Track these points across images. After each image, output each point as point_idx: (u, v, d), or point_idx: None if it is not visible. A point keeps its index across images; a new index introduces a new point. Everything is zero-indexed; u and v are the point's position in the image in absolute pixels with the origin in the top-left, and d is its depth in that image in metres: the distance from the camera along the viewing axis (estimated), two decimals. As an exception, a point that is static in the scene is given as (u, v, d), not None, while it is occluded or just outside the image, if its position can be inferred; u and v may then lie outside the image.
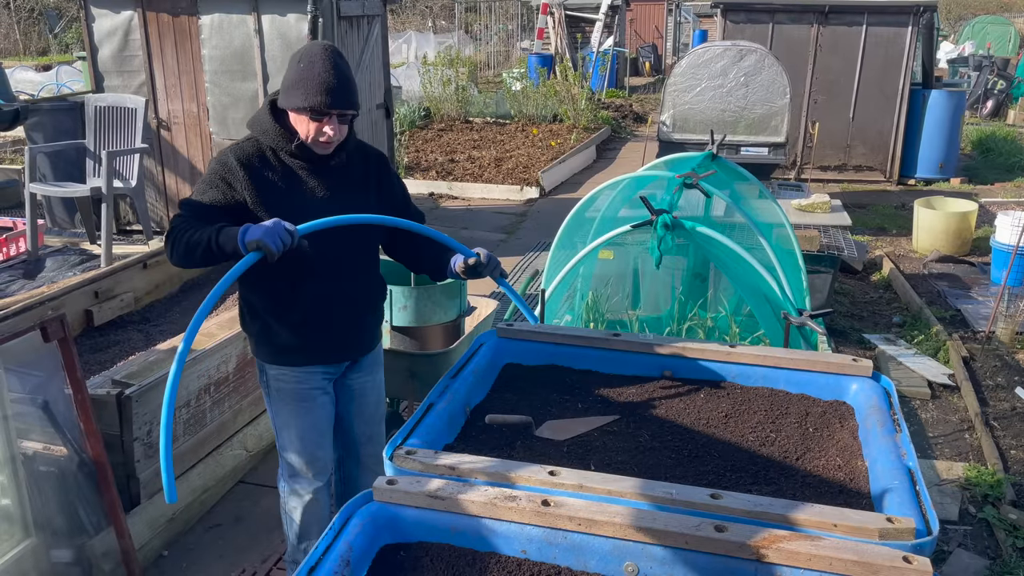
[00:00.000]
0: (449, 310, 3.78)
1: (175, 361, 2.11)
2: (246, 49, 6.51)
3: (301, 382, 2.59)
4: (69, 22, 23.61)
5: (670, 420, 2.30)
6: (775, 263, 3.38)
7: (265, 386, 2.65)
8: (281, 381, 2.59)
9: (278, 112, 2.44)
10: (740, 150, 7.17)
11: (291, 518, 2.75)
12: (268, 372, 2.61)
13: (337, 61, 2.35)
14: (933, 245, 7.16)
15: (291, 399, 2.60)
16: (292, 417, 2.62)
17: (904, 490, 1.81)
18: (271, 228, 2.16)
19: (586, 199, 3.92)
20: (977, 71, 14.57)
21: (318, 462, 2.69)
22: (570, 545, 1.72)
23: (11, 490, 2.66)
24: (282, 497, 2.76)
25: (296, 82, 2.34)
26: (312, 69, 2.32)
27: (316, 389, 2.62)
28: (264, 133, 2.44)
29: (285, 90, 2.39)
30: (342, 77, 2.35)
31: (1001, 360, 5.05)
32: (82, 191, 6.18)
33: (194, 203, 2.40)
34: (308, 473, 2.68)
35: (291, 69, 2.37)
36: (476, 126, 13.06)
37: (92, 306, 4.19)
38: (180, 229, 2.31)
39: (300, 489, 2.70)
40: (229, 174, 2.39)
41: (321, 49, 2.36)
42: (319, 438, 2.68)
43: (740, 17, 9.45)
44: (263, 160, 2.44)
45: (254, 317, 2.57)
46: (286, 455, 2.69)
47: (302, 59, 2.35)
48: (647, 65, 20.89)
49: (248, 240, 2.16)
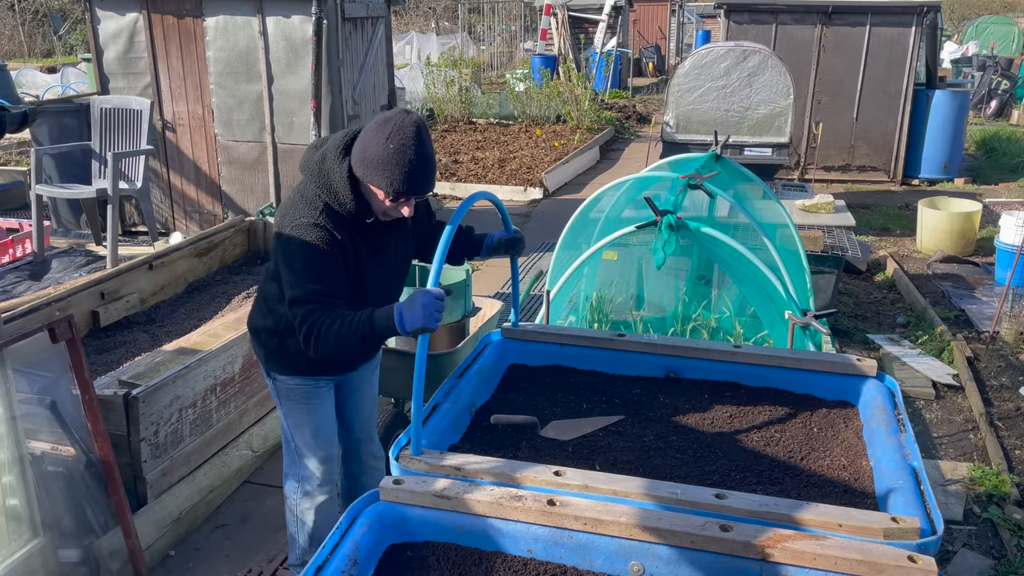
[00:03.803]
0: (454, 311, 3.79)
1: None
2: (250, 51, 6.52)
3: (309, 386, 2.65)
4: (74, 24, 23.67)
5: (675, 420, 2.31)
6: (779, 263, 3.39)
7: (275, 391, 2.70)
8: (291, 387, 2.64)
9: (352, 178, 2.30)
10: (744, 151, 7.17)
11: (302, 521, 2.76)
12: (277, 378, 2.65)
13: (427, 145, 2.23)
14: (937, 245, 7.16)
15: (301, 399, 2.65)
16: (305, 416, 2.66)
17: (909, 490, 1.81)
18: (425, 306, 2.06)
19: (590, 200, 3.93)
20: (981, 71, 14.55)
21: (331, 461, 2.73)
22: (576, 544, 1.73)
23: (19, 490, 2.67)
24: (291, 500, 2.77)
25: (383, 163, 2.19)
26: (403, 156, 2.18)
27: (323, 388, 2.68)
28: (340, 204, 2.32)
29: (368, 164, 2.22)
30: (429, 164, 2.24)
31: (1005, 360, 5.05)
32: (88, 192, 6.20)
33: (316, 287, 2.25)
34: (323, 473, 2.70)
35: (376, 143, 2.20)
36: (479, 127, 13.07)
37: (98, 307, 4.20)
38: (319, 323, 2.19)
39: (314, 491, 2.72)
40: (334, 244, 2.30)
41: (414, 133, 2.20)
42: (330, 435, 2.73)
43: (743, 18, 9.44)
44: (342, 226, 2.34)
45: (272, 335, 2.57)
46: (301, 456, 2.71)
47: (391, 138, 2.19)
48: (650, 66, 20.88)
49: (410, 328, 2.07)
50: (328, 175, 2.32)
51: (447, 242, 2.02)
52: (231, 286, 4.90)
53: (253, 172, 6.88)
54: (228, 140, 6.84)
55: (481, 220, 3.20)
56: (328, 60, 6.30)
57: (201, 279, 4.95)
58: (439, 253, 2.01)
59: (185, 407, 3.41)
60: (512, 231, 2.62)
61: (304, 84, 6.35)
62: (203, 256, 5.00)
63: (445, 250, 2.01)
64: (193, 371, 3.43)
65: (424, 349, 1.95)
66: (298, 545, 2.81)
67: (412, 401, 1.92)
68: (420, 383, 1.91)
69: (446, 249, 2.02)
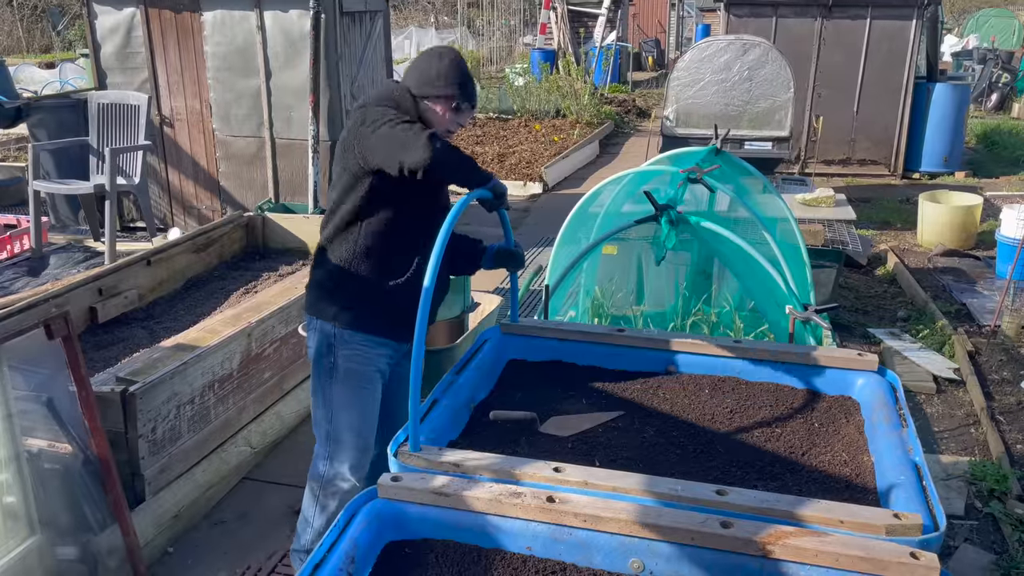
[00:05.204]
0: (453, 306, 3.78)
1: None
2: (248, 45, 6.50)
3: (368, 363, 2.64)
4: (72, 19, 23.61)
5: (675, 416, 2.30)
6: (779, 258, 3.37)
7: (330, 367, 2.66)
8: (352, 361, 2.62)
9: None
10: (744, 145, 7.15)
11: (323, 505, 2.73)
12: (339, 351, 2.63)
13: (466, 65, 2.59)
14: (938, 239, 7.14)
15: (356, 380, 2.64)
16: (355, 397, 2.65)
17: (911, 485, 1.80)
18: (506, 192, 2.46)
19: (590, 195, 3.91)
20: (981, 64, 14.51)
21: (367, 451, 2.72)
22: (576, 541, 1.72)
23: (16, 487, 2.66)
24: (316, 484, 2.74)
25: (443, 74, 2.51)
26: (459, 66, 2.53)
27: (379, 372, 2.68)
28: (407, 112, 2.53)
29: (428, 79, 2.52)
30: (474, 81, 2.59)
31: (1007, 354, 5.04)
32: (86, 188, 6.18)
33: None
34: (356, 460, 2.69)
35: (430, 64, 2.53)
36: (479, 122, 13.03)
37: (96, 303, 4.18)
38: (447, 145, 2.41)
39: (343, 476, 2.70)
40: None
41: (458, 54, 2.58)
42: (373, 423, 2.72)
43: (743, 11, 9.41)
44: None
45: (349, 279, 2.60)
46: (339, 439, 2.69)
47: (443, 56, 2.55)
48: (650, 60, 20.85)
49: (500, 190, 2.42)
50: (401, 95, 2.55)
51: (446, 234, 2.02)
52: (230, 282, 4.88)
53: (251, 167, 6.86)
54: (226, 135, 6.82)
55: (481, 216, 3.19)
56: (326, 55, 6.28)
57: (199, 275, 4.93)
58: (438, 246, 1.99)
59: (183, 404, 3.39)
60: (512, 243, 2.69)
61: (302, 79, 6.32)
62: (201, 252, 4.99)
63: (445, 241, 2.00)
64: (191, 367, 3.42)
65: (421, 344, 1.93)
66: (311, 529, 2.78)
67: (410, 397, 1.91)
68: (417, 379, 1.89)
69: (445, 240, 2.01)
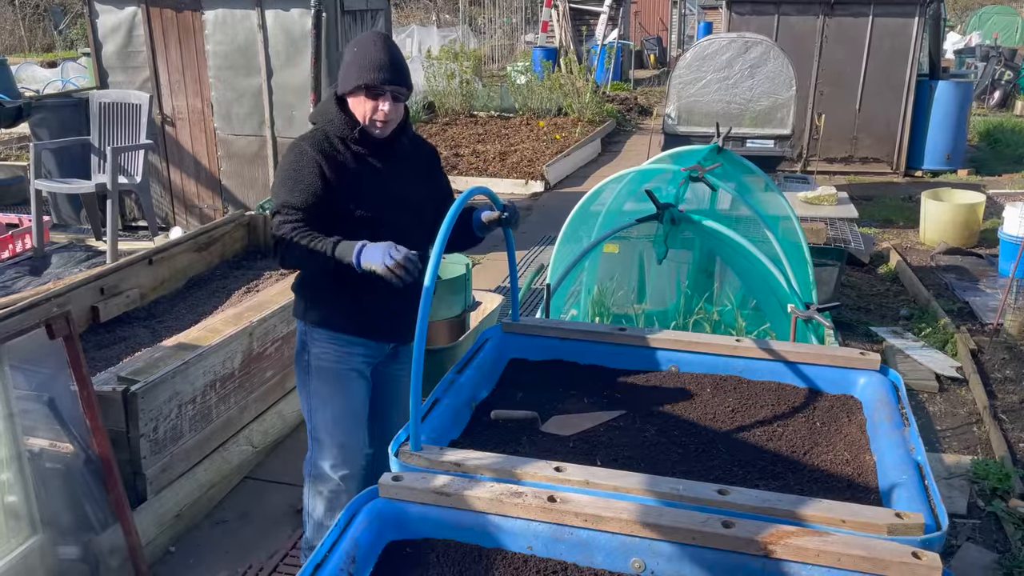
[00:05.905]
0: (454, 305, 3.78)
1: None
2: (250, 44, 6.50)
3: (342, 361, 2.62)
4: (74, 18, 23.63)
5: (676, 415, 2.29)
6: (781, 256, 3.37)
7: (305, 365, 2.66)
8: (323, 359, 2.62)
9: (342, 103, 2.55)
10: (746, 143, 7.13)
11: (315, 501, 2.74)
12: (311, 349, 2.63)
13: (388, 43, 2.49)
14: (940, 237, 7.12)
15: (330, 378, 2.63)
16: (329, 396, 2.64)
17: (913, 485, 1.79)
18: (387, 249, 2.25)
19: (591, 193, 3.91)
20: (984, 62, 14.48)
21: (348, 449, 2.68)
22: (577, 541, 1.72)
23: (18, 487, 2.66)
24: (308, 479, 2.76)
25: (350, 64, 2.47)
26: (365, 50, 2.45)
27: (355, 371, 2.66)
28: (330, 122, 2.53)
29: (342, 77, 2.50)
30: (394, 57, 2.47)
31: (1009, 352, 5.03)
32: (87, 187, 6.18)
33: (291, 202, 2.44)
34: (336, 459, 2.67)
35: (346, 56, 2.51)
36: (480, 120, 13.02)
37: (98, 302, 4.18)
38: (290, 234, 2.39)
39: (325, 475, 2.69)
40: (310, 163, 2.47)
41: (373, 34, 2.52)
42: (353, 423, 2.68)
43: (745, 9, 9.40)
44: (332, 147, 2.53)
45: (316, 278, 2.61)
46: (317, 438, 2.68)
47: (356, 44, 2.49)
48: (652, 58, 20.83)
49: (364, 264, 2.28)
50: (322, 106, 2.59)
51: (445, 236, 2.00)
52: (231, 281, 4.88)
53: (253, 166, 6.86)
54: (228, 134, 6.82)
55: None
56: (327, 53, 6.27)
57: (201, 274, 4.93)
58: (437, 245, 1.98)
59: (184, 403, 3.39)
60: (501, 205, 2.64)
61: (304, 77, 6.32)
62: (203, 251, 4.99)
63: (444, 241, 1.99)
64: (192, 367, 3.42)
65: (422, 344, 1.93)
66: (311, 522, 2.79)
67: (411, 396, 1.90)
68: (418, 378, 1.89)
69: (444, 240, 1.99)
